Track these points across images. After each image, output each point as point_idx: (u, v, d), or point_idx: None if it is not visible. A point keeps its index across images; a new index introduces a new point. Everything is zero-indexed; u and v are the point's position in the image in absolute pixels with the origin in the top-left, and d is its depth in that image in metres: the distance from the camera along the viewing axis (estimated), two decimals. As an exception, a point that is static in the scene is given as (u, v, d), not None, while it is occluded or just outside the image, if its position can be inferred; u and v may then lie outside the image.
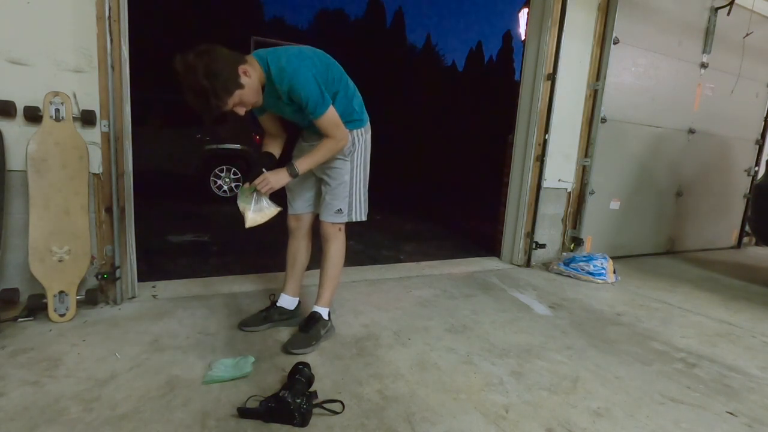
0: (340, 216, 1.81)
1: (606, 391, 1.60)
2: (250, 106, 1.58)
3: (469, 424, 1.35)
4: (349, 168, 1.78)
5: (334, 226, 1.82)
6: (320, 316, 1.84)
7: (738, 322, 2.43)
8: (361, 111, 1.80)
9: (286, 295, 1.99)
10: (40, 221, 1.90)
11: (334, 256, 1.86)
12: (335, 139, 1.64)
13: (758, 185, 3.46)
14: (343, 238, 1.87)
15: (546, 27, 3.09)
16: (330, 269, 1.86)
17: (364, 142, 1.81)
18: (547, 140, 3.18)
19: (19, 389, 1.39)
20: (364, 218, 1.87)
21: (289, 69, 1.52)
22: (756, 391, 1.67)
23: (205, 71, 1.38)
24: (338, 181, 1.78)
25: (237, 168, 6.29)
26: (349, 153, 1.77)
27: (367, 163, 1.85)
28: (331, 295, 1.89)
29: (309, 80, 1.53)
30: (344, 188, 1.79)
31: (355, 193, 1.82)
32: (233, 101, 1.49)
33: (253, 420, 1.29)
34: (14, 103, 1.87)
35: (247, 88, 1.50)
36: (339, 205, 1.79)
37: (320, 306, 1.87)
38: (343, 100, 1.70)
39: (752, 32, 4.02)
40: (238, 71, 1.47)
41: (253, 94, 1.54)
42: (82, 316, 1.97)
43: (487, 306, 2.44)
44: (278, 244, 3.85)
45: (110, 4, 1.92)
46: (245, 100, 1.52)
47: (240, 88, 1.48)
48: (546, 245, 3.43)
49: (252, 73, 1.51)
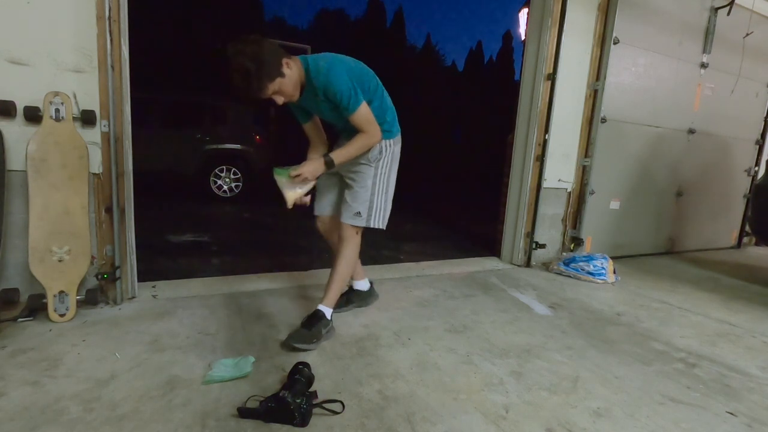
0: (359, 219, 1.87)
1: (606, 391, 1.60)
2: (288, 97, 1.68)
3: (469, 424, 1.35)
4: (372, 173, 1.86)
5: (351, 228, 1.88)
6: (323, 315, 1.86)
7: (738, 322, 2.43)
8: (392, 123, 1.89)
9: (357, 281, 2.12)
10: (40, 221, 1.90)
11: (346, 257, 1.90)
12: (369, 134, 1.73)
13: (758, 185, 3.46)
14: (358, 242, 1.92)
15: (546, 27, 3.09)
16: (340, 270, 1.90)
17: (391, 153, 1.90)
18: (547, 140, 3.19)
19: (19, 389, 1.39)
20: (383, 227, 1.93)
21: (325, 67, 1.64)
22: (756, 391, 1.67)
23: (252, 56, 1.50)
24: (360, 184, 1.85)
25: (237, 168, 6.30)
26: (374, 160, 1.85)
27: (393, 173, 1.93)
28: (336, 296, 1.92)
29: (343, 77, 1.64)
30: (365, 192, 1.85)
31: (377, 200, 1.88)
32: (273, 88, 1.60)
33: (253, 420, 1.29)
34: (14, 103, 1.87)
35: (287, 79, 1.61)
36: (358, 207, 1.86)
37: (324, 305, 1.89)
38: (377, 110, 1.79)
39: (752, 32, 4.02)
40: (282, 61, 1.59)
41: (291, 85, 1.64)
42: (82, 316, 1.97)
43: (487, 306, 2.44)
44: (278, 244, 3.87)
45: (110, 4, 1.92)
46: (284, 89, 1.63)
47: (281, 77, 1.59)
48: (546, 245, 3.43)
49: (293, 67, 1.63)
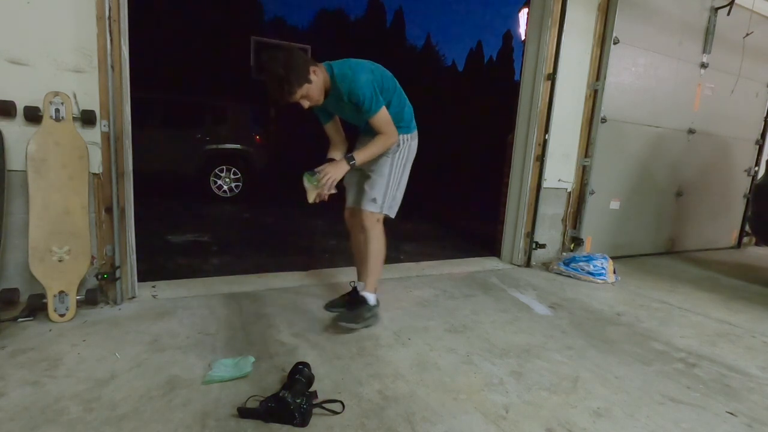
0: (375, 205, 2.00)
1: (606, 391, 1.60)
2: (314, 101, 1.83)
3: (469, 424, 1.35)
4: (389, 163, 2.01)
5: (372, 217, 2.00)
6: (365, 300, 2.03)
7: (738, 322, 2.43)
8: (409, 120, 2.06)
9: (362, 281, 2.17)
10: (40, 221, 1.90)
11: (375, 249, 2.04)
12: (387, 135, 1.89)
13: (758, 185, 3.46)
14: (381, 230, 2.05)
15: (546, 27, 3.09)
16: (372, 259, 2.05)
17: (408, 146, 2.06)
18: (547, 140, 3.19)
19: (19, 389, 1.39)
20: (393, 215, 2.08)
21: (350, 73, 1.80)
22: (756, 391, 1.67)
23: (284, 63, 1.68)
24: (378, 173, 2.00)
25: (237, 168, 6.29)
26: (392, 152, 2.00)
27: (408, 166, 2.08)
28: (374, 281, 2.08)
29: (366, 82, 1.79)
30: (382, 180, 2.00)
31: (390, 189, 2.02)
32: (301, 93, 1.75)
33: (253, 420, 1.29)
34: (14, 103, 1.87)
35: (313, 84, 1.77)
36: (374, 194, 2.00)
37: (366, 291, 2.06)
38: (396, 107, 1.97)
39: (752, 32, 4.02)
40: (309, 69, 1.75)
41: (317, 91, 1.80)
42: (82, 316, 1.97)
43: (487, 306, 2.44)
44: (278, 244, 3.87)
45: (110, 4, 1.92)
46: (311, 94, 1.78)
47: (308, 83, 1.75)
48: (546, 245, 3.43)
49: (319, 74, 1.79)
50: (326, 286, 2.59)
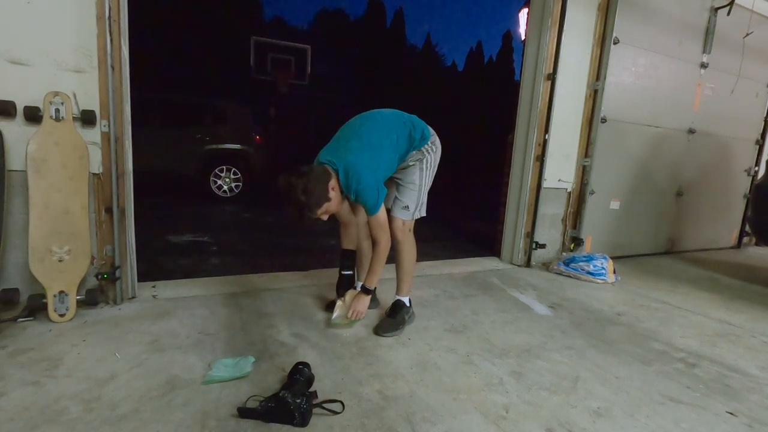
0: (406, 213, 2.04)
1: (606, 391, 1.60)
2: (333, 212, 1.88)
3: (469, 424, 1.35)
4: (418, 170, 2.03)
5: (403, 225, 2.03)
6: (403, 304, 2.10)
7: (738, 322, 2.43)
8: (423, 135, 2.02)
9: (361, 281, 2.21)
10: (40, 221, 1.90)
11: (407, 255, 2.10)
12: (380, 243, 1.92)
13: (758, 185, 3.46)
14: (411, 237, 2.10)
15: (546, 27, 3.09)
16: (405, 265, 2.11)
17: (434, 152, 2.07)
18: (547, 140, 3.18)
19: (19, 389, 1.39)
20: (425, 215, 2.13)
21: (354, 184, 1.80)
22: (756, 391, 1.67)
23: (304, 189, 1.69)
24: (407, 180, 2.03)
25: (237, 168, 6.29)
26: (418, 160, 2.01)
27: (435, 167, 2.10)
28: (408, 287, 2.14)
29: (370, 191, 1.81)
30: (413, 188, 2.03)
31: (422, 196, 2.06)
32: (321, 211, 1.78)
33: (253, 420, 1.29)
34: (14, 103, 1.87)
35: (333, 201, 1.80)
36: (407, 202, 2.03)
37: (401, 296, 2.13)
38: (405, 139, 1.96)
39: (752, 32, 4.02)
40: (328, 188, 1.77)
41: (336, 204, 1.84)
42: (82, 316, 1.97)
43: (487, 306, 2.44)
44: (278, 244, 3.87)
45: (110, 4, 1.92)
46: (330, 209, 1.82)
47: (328, 201, 1.78)
48: (546, 245, 3.43)
49: (336, 188, 1.81)
50: (326, 286, 2.59)
